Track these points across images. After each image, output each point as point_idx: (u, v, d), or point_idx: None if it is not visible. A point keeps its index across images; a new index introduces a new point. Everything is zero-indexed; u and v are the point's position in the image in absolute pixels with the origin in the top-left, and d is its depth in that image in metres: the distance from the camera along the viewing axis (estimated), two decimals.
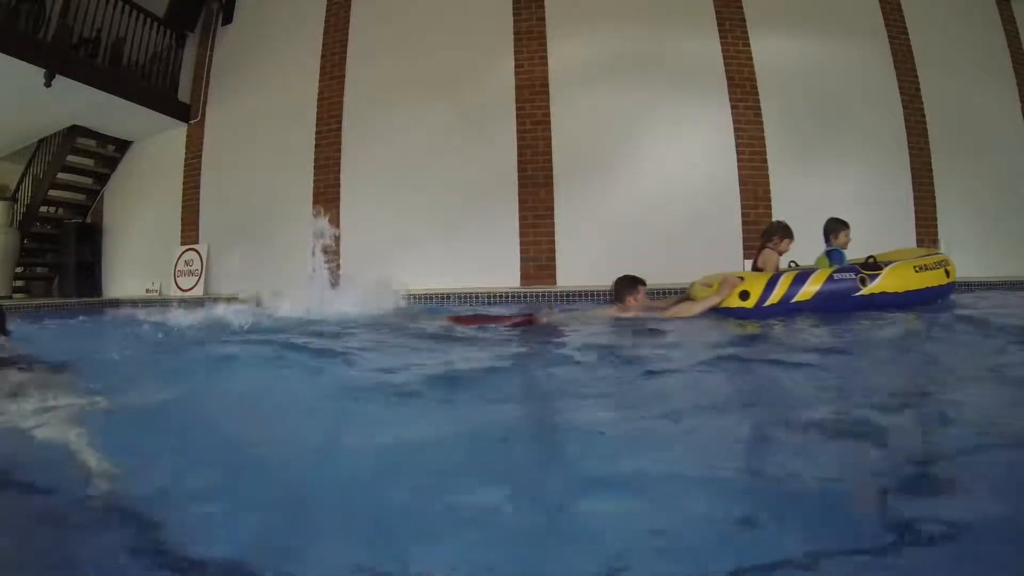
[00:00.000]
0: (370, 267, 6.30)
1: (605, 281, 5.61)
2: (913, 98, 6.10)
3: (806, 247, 5.79)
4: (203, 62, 7.50)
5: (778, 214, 5.84)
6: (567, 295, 5.25)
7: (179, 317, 3.19)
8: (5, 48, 5.35)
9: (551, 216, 5.92)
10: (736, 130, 5.90)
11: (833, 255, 3.81)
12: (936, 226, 5.98)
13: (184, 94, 7.51)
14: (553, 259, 5.89)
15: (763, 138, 5.89)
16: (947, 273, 3.51)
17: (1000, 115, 6.29)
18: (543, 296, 5.26)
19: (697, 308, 3.35)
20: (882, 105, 6.06)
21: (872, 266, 3.38)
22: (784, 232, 3.80)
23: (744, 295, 3.32)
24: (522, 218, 5.96)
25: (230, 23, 7.51)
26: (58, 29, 5.90)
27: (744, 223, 5.81)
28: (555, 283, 5.83)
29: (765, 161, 5.88)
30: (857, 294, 3.29)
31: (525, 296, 5.29)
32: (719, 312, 3.35)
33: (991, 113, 6.27)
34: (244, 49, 7.35)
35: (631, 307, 3.39)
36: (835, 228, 3.89)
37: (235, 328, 2.99)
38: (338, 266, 4.29)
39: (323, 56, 6.79)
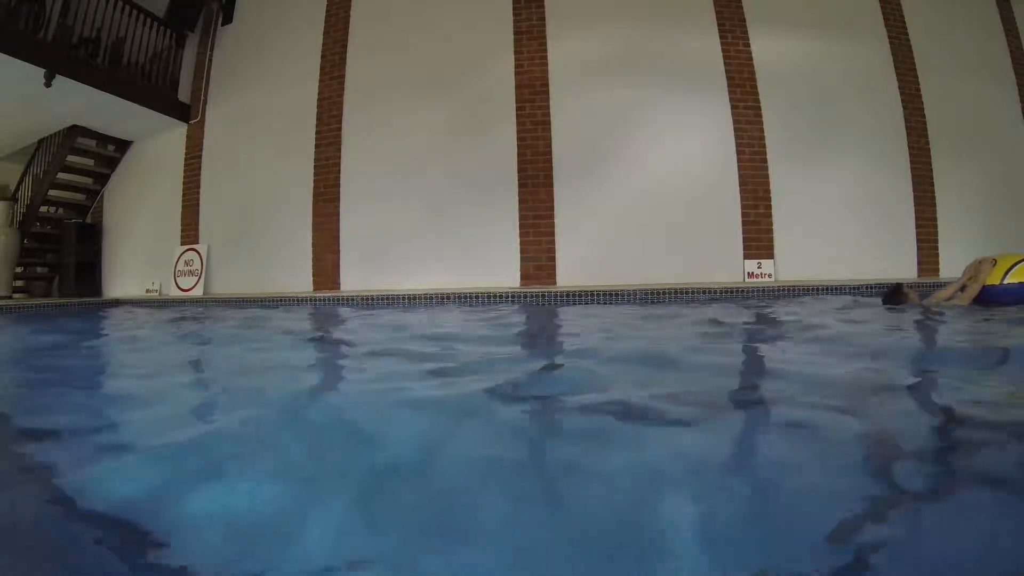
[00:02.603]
0: (370, 267, 6.34)
1: (604, 281, 5.64)
2: (913, 98, 6.11)
3: (805, 246, 5.82)
4: (203, 62, 7.50)
5: (778, 214, 5.86)
6: (566, 295, 5.25)
7: None
8: (5, 48, 5.35)
9: (551, 216, 5.92)
10: (736, 130, 5.90)
11: None
12: (936, 226, 5.98)
13: (184, 94, 7.52)
14: (553, 259, 5.89)
15: (763, 138, 5.89)
16: None
17: (1000, 115, 6.30)
18: (543, 296, 5.26)
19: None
20: (882, 105, 6.06)
21: None
22: None
23: None
24: (522, 218, 5.96)
25: (230, 23, 7.52)
26: (58, 29, 5.90)
27: (744, 222, 5.81)
28: (555, 283, 5.83)
29: (765, 161, 5.88)
30: None
31: (525, 296, 5.29)
32: None
33: (991, 113, 6.27)
34: (244, 49, 7.36)
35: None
36: None
37: None
38: None
39: (323, 56, 6.80)
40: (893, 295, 3.76)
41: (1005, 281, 3.33)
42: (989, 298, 3.35)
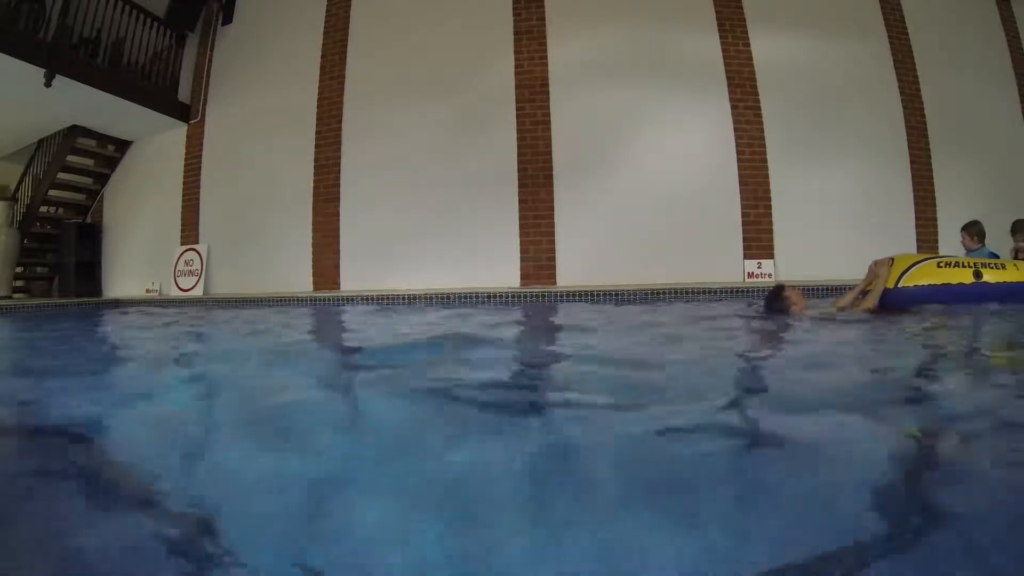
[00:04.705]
0: (370, 267, 6.34)
1: (604, 281, 5.64)
2: (913, 98, 6.11)
3: (805, 246, 5.82)
4: (203, 62, 7.50)
5: (778, 214, 5.86)
6: (567, 295, 5.25)
7: None
8: (5, 48, 5.35)
9: (551, 216, 5.92)
10: (736, 129, 5.90)
11: None
12: (936, 226, 5.98)
13: (184, 94, 7.51)
14: (553, 259, 5.89)
15: (763, 137, 5.89)
16: None
17: (1000, 115, 6.30)
18: (543, 296, 5.27)
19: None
20: (882, 105, 6.06)
21: None
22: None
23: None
24: (522, 218, 5.96)
25: (230, 23, 7.51)
26: (58, 29, 5.90)
27: (744, 222, 5.81)
28: (555, 283, 5.83)
29: (765, 160, 5.88)
30: None
31: (525, 296, 5.29)
32: None
33: (991, 113, 6.27)
34: (244, 49, 7.35)
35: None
36: None
37: None
38: None
39: (323, 56, 6.80)
40: (774, 300, 3.23)
41: (900, 285, 3.20)
42: (886, 301, 3.21)
